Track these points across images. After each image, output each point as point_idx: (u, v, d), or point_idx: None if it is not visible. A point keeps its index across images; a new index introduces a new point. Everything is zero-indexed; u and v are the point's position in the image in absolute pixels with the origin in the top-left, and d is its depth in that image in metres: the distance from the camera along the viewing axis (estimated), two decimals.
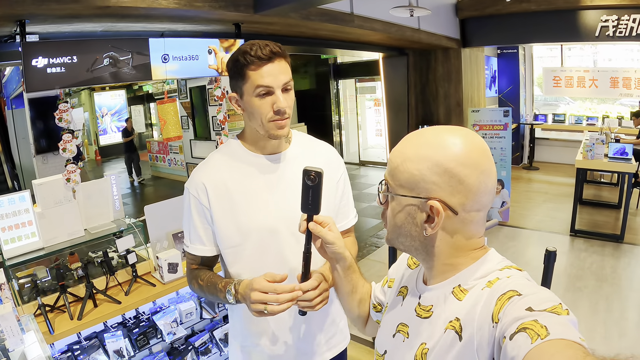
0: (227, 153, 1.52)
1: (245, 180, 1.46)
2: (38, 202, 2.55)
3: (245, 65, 1.33)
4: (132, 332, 2.59)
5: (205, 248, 1.51)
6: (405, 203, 0.86)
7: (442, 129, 0.87)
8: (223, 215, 1.45)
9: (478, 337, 0.76)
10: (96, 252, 2.80)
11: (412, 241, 0.89)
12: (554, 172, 8.89)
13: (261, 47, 1.32)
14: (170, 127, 3.37)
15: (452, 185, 0.82)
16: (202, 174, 1.47)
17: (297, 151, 1.54)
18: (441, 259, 0.89)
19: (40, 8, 2.16)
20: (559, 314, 0.68)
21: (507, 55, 9.69)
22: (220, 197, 1.44)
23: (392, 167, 0.89)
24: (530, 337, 0.64)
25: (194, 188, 1.46)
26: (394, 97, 6.88)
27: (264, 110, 1.36)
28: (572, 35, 5.58)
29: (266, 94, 1.34)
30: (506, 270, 0.84)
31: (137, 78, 2.93)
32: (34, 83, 2.44)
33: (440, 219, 0.83)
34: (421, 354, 0.87)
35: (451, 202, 0.83)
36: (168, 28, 3.29)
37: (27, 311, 2.25)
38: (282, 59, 1.36)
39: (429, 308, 0.91)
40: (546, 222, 6.35)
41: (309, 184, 1.12)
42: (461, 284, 0.87)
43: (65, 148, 2.61)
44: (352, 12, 4.17)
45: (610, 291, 4.31)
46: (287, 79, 1.37)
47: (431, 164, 0.82)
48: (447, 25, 6.04)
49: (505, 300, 0.74)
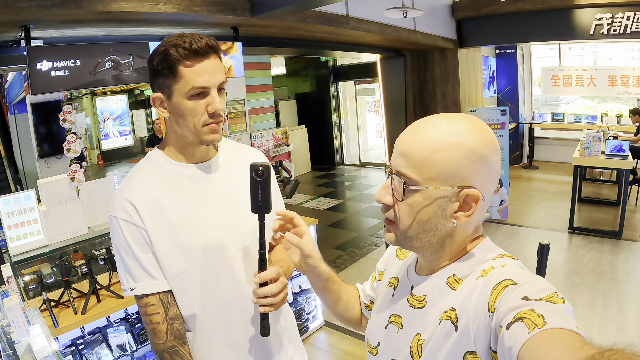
0: (151, 167, 1.29)
1: (177, 194, 1.25)
2: (43, 201, 2.63)
3: (177, 61, 1.13)
4: (135, 327, 2.66)
5: (156, 282, 1.22)
6: (437, 196, 0.81)
7: (458, 115, 0.85)
8: (161, 237, 1.21)
9: (474, 327, 0.76)
10: (99, 250, 2.86)
11: (433, 236, 0.85)
12: (554, 171, 8.93)
13: (195, 40, 1.13)
14: None
15: (485, 172, 0.81)
16: (126, 194, 1.22)
17: (226, 157, 1.36)
18: (451, 250, 0.88)
19: (45, 14, 2.23)
20: (555, 302, 0.68)
21: (505, 55, 9.74)
22: (154, 217, 1.21)
23: (417, 159, 0.81)
24: (527, 326, 0.64)
25: (121, 211, 1.20)
26: (392, 98, 6.93)
27: (198, 114, 1.18)
28: (567, 34, 5.63)
29: (200, 95, 1.17)
30: (500, 259, 0.84)
31: (138, 80, 3.00)
32: (39, 86, 2.51)
33: (478, 207, 0.82)
34: (417, 345, 0.87)
35: (483, 189, 0.82)
36: (168, 32, 3.35)
37: (32, 306, 2.31)
38: (218, 55, 1.19)
39: (422, 298, 0.90)
40: (545, 220, 6.39)
41: (257, 180, 1.07)
42: (456, 273, 0.86)
43: (70, 148, 2.68)
44: (348, 14, 4.23)
45: (608, 286, 4.35)
46: (223, 78, 1.20)
47: (467, 152, 0.79)
48: (443, 25, 6.09)
49: (501, 290, 0.74)
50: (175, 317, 1.25)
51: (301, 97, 11.80)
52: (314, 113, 11.66)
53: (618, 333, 3.62)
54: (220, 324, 1.30)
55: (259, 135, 8.87)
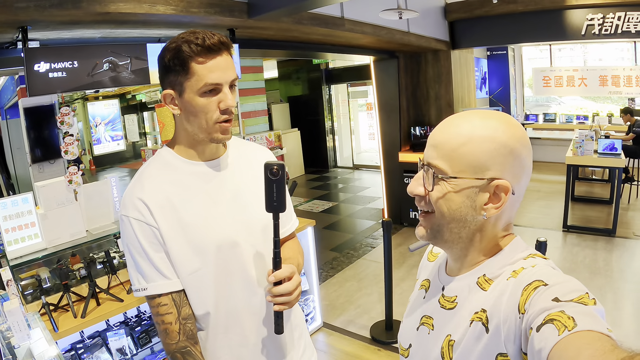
0: (161, 165, 1.28)
1: (188, 193, 1.25)
2: (40, 204, 2.60)
3: (189, 57, 1.13)
4: (135, 330, 2.64)
5: (169, 282, 1.21)
6: (466, 185, 0.83)
7: (488, 111, 0.87)
8: (174, 236, 1.20)
9: (505, 329, 0.75)
10: (98, 253, 2.84)
11: (463, 228, 0.86)
12: (546, 171, 9.00)
13: (208, 36, 1.13)
14: (169, 130, 3.41)
15: (514, 165, 0.82)
16: (138, 192, 1.21)
17: (235, 155, 1.36)
18: (481, 246, 0.88)
19: (43, 14, 2.21)
20: (586, 304, 0.67)
21: (497, 56, 9.82)
22: (167, 215, 1.20)
23: (447, 150, 0.84)
24: (557, 328, 0.63)
25: (133, 210, 1.19)
26: (386, 100, 6.94)
27: (210, 111, 1.17)
28: (559, 35, 5.68)
29: (212, 92, 1.16)
30: (531, 259, 0.84)
31: (135, 82, 2.98)
32: (36, 87, 2.49)
33: (507, 198, 0.82)
34: (447, 346, 0.87)
35: (513, 181, 0.83)
36: (165, 34, 3.34)
37: (31, 310, 2.29)
38: (229, 52, 1.19)
39: (453, 299, 0.91)
40: (539, 219, 6.43)
41: (272, 179, 1.07)
42: (486, 274, 0.87)
43: (67, 150, 2.66)
44: (343, 16, 4.24)
45: (603, 283, 4.39)
46: (235, 75, 1.20)
47: (498, 145, 0.81)
48: (436, 27, 6.12)
49: (531, 291, 0.73)
50: (187, 317, 1.24)
51: (294, 100, 11.81)
52: (306, 116, 11.67)
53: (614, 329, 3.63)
54: (233, 322, 1.29)
55: (252, 138, 8.85)
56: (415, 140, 6.69)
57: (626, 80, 8.64)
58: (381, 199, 7.29)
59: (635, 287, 4.28)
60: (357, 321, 4.08)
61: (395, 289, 4.05)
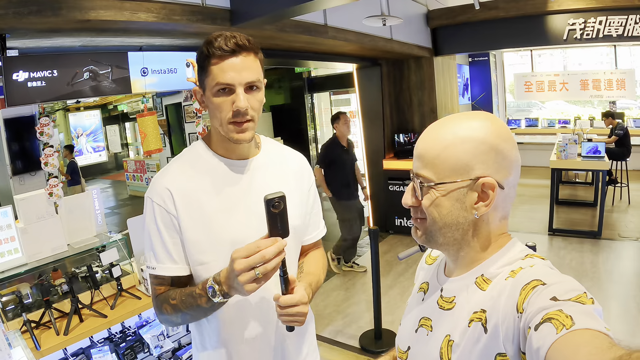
0: (192, 157, 1.34)
1: (215, 187, 1.29)
2: (20, 218, 2.53)
3: (207, 57, 1.19)
4: (119, 346, 2.57)
5: (176, 267, 1.28)
6: (453, 189, 0.84)
7: (467, 113, 0.89)
8: (193, 226, 1.26)
9: (504, 329, 0.76)
10: (80, 267, 2.77)
11: (456, 230, 0.87)
12: (530, 175, 9.08)
13: (226, 38, 1.17)
14: (150, 140, 3.37)
15: (497, 161, 0.83)
16: (166, 180, 1.28)
17: (266, 159, 1.39)
18: (478, 245, 0.89)
19: (21, 22, 2.15)
20: (584, 303, 0.67)
21: (479, 63, 9.92)
22: (189, 205, 1.26)
23: (430, 158, 0.86)
24: (556, 327, 0.64)
25: (157, 196, 1.26)
26: (369, 108, 6.95)
27: (224, 110, 1.21)
28: (541, 40, 5.73)
29: (227, 92, 1.20)
30: (529, 259, 0.85)
31: (116, 91, 2.92)
32: (14, 97, 2.42)
33: (495, 195, 0.83)
34: (446, 346, 0.87)
35: (498, 177, 0.83)
36: (147, 42, 3.29)
37: (12, 328, 2.21)
38: (250, 54, 1.20)
39: (451, 299, 0.91)
40: (524, 223, 6.47)
41: (275, 212, 1.06)
42: (484, 274, 0.87)
43: (47, 162, 2.59)
44: (326, 23, 4.23)
45: (590, 285, 4.41)
46: (253, 77, 1.20)
47: (477, 144, 0.83)
48: (419, 34, 6.16)
49: (529, 290, 0.74)
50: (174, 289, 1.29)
51: (276, 110, 11.76)
52: (289, 125, 11.62)
53: None
54: (238, 318, 1.31)
55: None
56: (399, 147, 6.70)
57: (607, 84, 8.79)
58: (366, 207, 7.27)
59: (622, 288, 4.32)
60: (346, 331, 4.03)
61: (383, 297, 4.01)
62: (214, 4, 3.14)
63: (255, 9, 3.19)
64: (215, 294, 1.14)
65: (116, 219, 9.70)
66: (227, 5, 3.26)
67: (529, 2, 5.46)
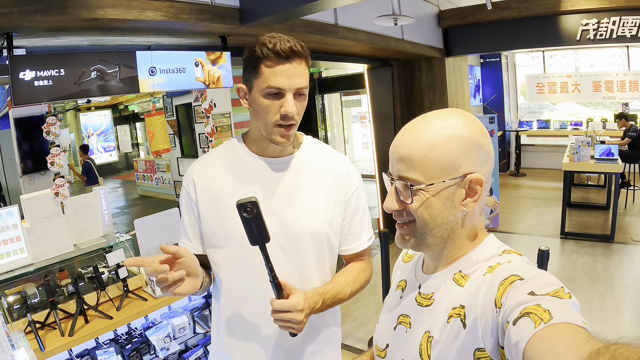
0: (226, 151, 1.41)
1: (238, 181, 1.35)
2: (26, 217, 2.52)
3: (260, 59, 1.21)
4: (125, 348, 2.54)
5: (190, 244, 1.40)
6: (442, 188, 0.84)
7: (443, 111, 0.89)
8: (209, 212, 1.35)
9: (482, 323, 0.76)
10: (86, 268, 2.76)
11: (445, 229, 0.87)
12: (542, 178, 8.99)
13: (282, 42, 1.20)
14: (158, 140, 3.35)
15: (480, 156, 0.85)
16: (194, 169, 1.41)
17: (303, 157, 1.41)
18: (460, 241, 0.89)
19: (27, 20, 2.14)
20: (561, 297, 0.68)
21: (490, 64, 9.84)
22: (207, 193, 1.35)
23: (416, 159, 0.84)
24: (534, 321, 0.64)
25: (185, 182, 1.41)
26: (380, 109, 6.90)
27: (271, 113, 1.25)
28: (554, 40, 5.65)
29: (276, 95, 1.23)
30: (506, 255, 0.85)
31: (124, 91, 2.90)
32: (21, 96, 2.40)
33: (483, 189, 0.85)
34: (426, 343, 0.87)
35: (483, 172, 0.85)
36: (155, 41, 3.28)
37: (16, 328, 2.19)
38: (302, 61, 1.24)
39: (430, 296, 0.92)
40: (536, 226, 6.39)
41: (248, 217, 1.05)
42: (462, 269, 0.88)
43: (54, 162, 2.58)
44: (337, 23, 4.20)
45: (603, 290, 4.34)
46: (303, 84, 1.25)
47: (461, 141, 0.83)
48: (430, 34, 6.10)
49: (507, 285, 0.74)
50: None
51: None
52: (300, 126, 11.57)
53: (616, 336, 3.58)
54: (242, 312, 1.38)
55: None
56: None
57: (620, 85, 8.68)
58: (376, 209, 7.22)
59: (636, 293, 4.24)
60: (355, 334, 3.99)
61: None
62: (222, 2, 3.11)
63: (265, 7, 3.16)
64: None
65: (126, 218, 9.73)
66: (237, 4, 3.23)
67: (542, 2, 5.38)
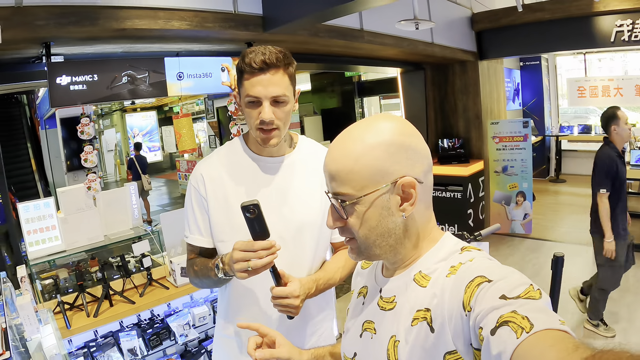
0: (229, 150, 1.54)
1: (241, 177, 1.48)
2: (61, 208, 2.76)
3: (241, 72, 1.35)
4: (146, 332, 2.72)
5: (203, 239, 1.51)
6: (375, 198, 0.83)
7: (365, 120, 0.89)
8: (217, 208, 1.46)
9: (452, 327, 0.75)
10: (115, 257, 2.97)
11: (389, 237, 0.86)
12: (582, 184, 8.71)
13: (257, 55, 1.31)
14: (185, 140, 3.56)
15: (409, 157, 0.83)
16: (202, 167, 1.51)
17: (298, 157, 1.53)
18: (411, 243, 0.88)
19: (62, 31, 2.37)
20: (534, 297, 0.67)
21: (530, 67, 9.63)
22: (216, 189, 1.47)
23: (344, 174, 0.84)
24: (514, 331, 0.62)
25: (194, 179, 1.51)
26: (413, 112, 6.91)
27: (252, 118, 1.37)
28: (588, 42, 5.51)
29: (255, 104, 1.35)
30: (466, 253, 0.84)
31: (153, 95, 3.12)
32: (58, 99, 2.66)
33: (417, 192, 0.83)
34: (393, 347, 0.85)
35: (415, 173, 0.83)
36: (183, 48, 3.47)
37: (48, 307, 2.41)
38: (279, 70, 1.33)
39: (392, 299, 0.90)
40: (571, 233, 6.24)
41: (251, 217, 1.16)
42: (422, 270, 0.86)
43: (87, 159, 2.82)
44: (362, 27, 4.26)
45: (632, 300, 4.24)
46: (279, 92, 1.34)
47: (385, 146, 0.82)
48: (462, 38, 6.07)
49: (474, 288, 0.72)
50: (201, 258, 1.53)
51: (327, 113, 11.84)
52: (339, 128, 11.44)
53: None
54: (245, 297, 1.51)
55: None
56: (443, 152, 6.60)
57: None
58: None
59: None
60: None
61: None
62: (246, 10, 3.25)
63: (287, 14, 3.26)
64: (219, 271, 1.37)
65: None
66: (260, 12, 3.36)
67: (574, 3, 5.28)
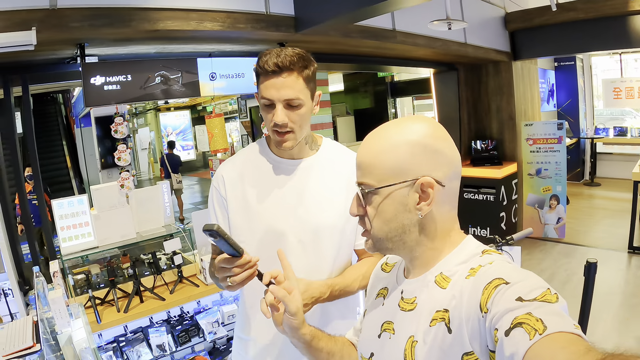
0: (252, 150, 1.55)
1: (257, 178, 1.48)
2: (95, 206, 2.83)
3: (257, 74, 1.37)
4: (175, 329, 2.77)
5: None
6: (392, 191, 0.86)
7: (399, 119, 0.92)
8: (236, 209, 1.48)
9: (469, 328, 0.75)
10: (147, 254, 3.02)
11: (402, 233, 0.89)
12: (617, 188, 8.47)
13: (270, 58, 1.31)
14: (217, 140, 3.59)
15: (434, 159, 0.86)
16: (223, 168, 1.53)
17: (319, 159, 1.52)
18: (431, 244, 0.90)
19: (96, 32, 2.43)
20: (550, 301, 0.67)
21: (565, 67, 9.39)
22: (235, 189, 1.48)
23: (366, 166, 0.89)
24: (528, 332, 0.63)
25: (215, 180, 1.53)
26: (446, 113, 6.82)
27: (267, 120, 1.39)
28: (622, 42, 5.33)
29: (269, 106, 1.36)
30: (487, 256, 0.84)
31: (186, 95, 3.16)
32: (92, 99, 2.72)
33: (434, 193, 0.85)
34: (410, 347, 0.86)
35: (437, 175, 0.86)
36: (216, 48, 3.51)
37: (80, 302, 2.48)
38: (293, 73, 1.32)
39: (412, 300, 0.91)
40: (604, 238, 6.07)
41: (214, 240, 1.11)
42: (443, 272, 0.87)
43: (120, 157, 2.88)
44: (394, 28, 4.22)
45: None
46: (292, 95, 1.33)
47: (409, 146, 0.85)
48: (496, 38, 5.96)
49: (492, 290, 0.73)
50: None
51: (359, 113, 11.76)
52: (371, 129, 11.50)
53: None
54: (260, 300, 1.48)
55: None
56: (476, 154, 6.49)
57: None
58: None
59: None
60: None
61: None
62: (277, 11, 3.26)
63: (318, 15, 3.26)
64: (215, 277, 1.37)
65: None
66: (292, 12, 3.37)
67: (608, 2, 5.11)
